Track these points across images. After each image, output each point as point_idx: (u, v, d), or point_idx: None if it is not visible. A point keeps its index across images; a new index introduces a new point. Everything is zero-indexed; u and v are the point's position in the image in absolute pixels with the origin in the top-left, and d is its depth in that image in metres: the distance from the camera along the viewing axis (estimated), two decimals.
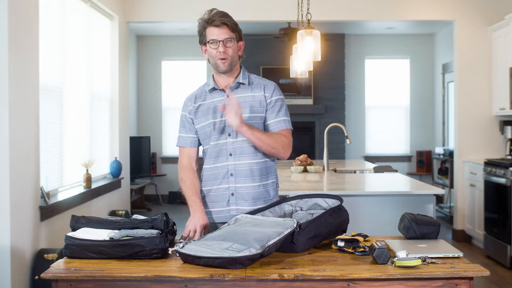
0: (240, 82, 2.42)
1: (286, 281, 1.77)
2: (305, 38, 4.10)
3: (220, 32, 2.32)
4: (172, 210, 8.52)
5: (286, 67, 8.11)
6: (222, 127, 2.39)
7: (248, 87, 2.43)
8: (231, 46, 2.34)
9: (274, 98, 2.42)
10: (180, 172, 2.48)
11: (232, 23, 2.34)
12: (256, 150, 2.40)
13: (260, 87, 2.43)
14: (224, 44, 2.33)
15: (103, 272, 1.80)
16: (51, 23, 4.40)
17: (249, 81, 2.44)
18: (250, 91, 2.42)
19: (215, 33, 2.33)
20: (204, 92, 2.47)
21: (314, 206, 2.32)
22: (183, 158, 2.49)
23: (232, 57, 2.36)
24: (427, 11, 6.28)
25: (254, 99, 2.40)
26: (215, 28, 2.33)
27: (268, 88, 2.43)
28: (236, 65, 2.42)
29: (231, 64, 2.37)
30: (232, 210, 2.41)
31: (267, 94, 2.41)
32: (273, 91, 2.43)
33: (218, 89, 2.43)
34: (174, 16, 6.26)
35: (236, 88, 2.42)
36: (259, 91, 2.42)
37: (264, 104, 2.41)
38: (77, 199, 4.59)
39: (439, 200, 8.37)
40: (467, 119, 6.26)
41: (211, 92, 2.44)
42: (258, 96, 2.41)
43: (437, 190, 3.45)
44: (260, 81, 2.46)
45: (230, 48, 2.34)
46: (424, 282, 1.78)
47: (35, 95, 3.87)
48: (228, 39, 2.33)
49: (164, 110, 9.49)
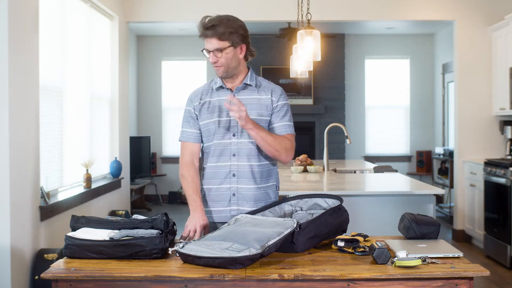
0: (247, 83, 2.42)
1: (286, 281, 1.77)
2: (305, 38, 4.10)
3: (208, 42, 2.32)
4: (172, 210, 8.52)
5: (286, 67, 8.11)
6: (228, 126, 2.39)
7: (255, 89, 2.43)
8: (221, 56, 2.32)
9: (280, 103, 2.43)
10: (181, 168, 2.45)
11: (221, 33, 2.29)
12: (259, 152, 2.41)
13: (268, 90, 2.43)
14: (214, 54, 2.32)
15: (103, 272, 1.80)
16: (51, 23, 4.40)
17: (256, 83, 2.44)
18: (257, 93, 2.42)
19: (206, 43, 2.33)
20: (210, 89, 2.46)
21: (314, 206, 2.32)
22: (185, 153, 2.46)
23: (227, 64, 2.34)
24: (427, 11, 6.28)
25: (260, 102, 2.41)
26: (205, 39, 2.33)
27: (276, 92, 2.44)
28: (239, 68, 2.40)
29: (227, 71, 2.36)
30: (233, 210, 2.41)
31: (274, 98, 2.42)
32: (280, 95, 2.44)
33: (225, 88, 2.43)
34: (174, 16, 6.26)
35: (243, 89, 2.42)
36: (266, 95, 2.42)
37: (271, 107, 2.41)
38: (77, 199, 4.59)
39: (439, 200, 8.37)
40: (467, 119, 6.26)
41: (218, 90, 2.44)
42: (265, 100, 2.41)
43: (437, 190, 3.45)
44: (267, 85, 2.46)
45: (222, 57, 2.32)
46: (424, 282, 1.78)
47: (35, 95, 3.87)
48: (217, 49, 2.31)
49: (164, 110, 9.49)
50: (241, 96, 2.40)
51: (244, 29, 2.37)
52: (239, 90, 2.42)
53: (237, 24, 2.34)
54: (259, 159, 2.41)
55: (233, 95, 2.34)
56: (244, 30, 2.37)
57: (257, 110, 2.39)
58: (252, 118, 2.33)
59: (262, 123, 2.39)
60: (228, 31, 2.30)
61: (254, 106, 2.39)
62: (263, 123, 2.39)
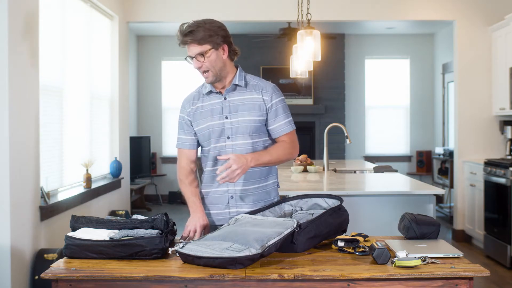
0: (236, 84, 2.39)
1: (286, 281, 1.77)
2: (305, 38, 4.10)
3: (189, 49, 2.31)
4: (172, 210, 8.52)
5: (286, 67, 8.11)
6: (221, 130, 2.38)
7: (245, 89, 2.40)
8: (204, 60, 2.30)
9: (274, 102, 2.39)
10: (179, 173, 2.48)
11: (200, 38, 2.27)
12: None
13: (258, 89, 2.39)
14: (197, 59, 2.31)
15: (103, 272, 1.80)
16: (51, 23, 4.40)
17: (245, 82, 2.41)
18: (248, 93, 2.39)
19: (188, 50, 2.32)
20: (201, 94, 2.45)
21: (314, 206, 2.32)
22: (181, 159, 2.49)
23: (214, 67, 2.32)
24: (427, 11, 6.28)
25: (253, 102, 2.37)
26: (185, 46, 2.32)
27: (266, 91, 2.39)
28: (226, 69, 2.37)
29: (216, 74, 2.34)
30: (232, 212, 2.41)
31: (266, 98, 2.38)
32: (272, 93, 2.39)
33: (215, 92, 2.41)
34: (174, 16, 6.25)
35: (232, 90, 2.39)
36: (257, 94, 2.38)
37: (264, 107, 2.38)
38: (77, 199, 4.59)
39: (439, 200, 8.37)
40: (467, 119, 6.26)
41: (208, 94, 2.42)
42: (257, 99, 2.38)
43: (437, 190, 3.44)
44: (257, 83, 2.42)
45: (205, 62, 2.30)
46: (424, 282, 1.78)
47: (35, 95, 3.87)
48: (198, 54, 2.29)
49: (164, 110, 9.49)
50: (232, 97, 2.38)
51: (223, 29, 2.33)
52: (229, 91, 2.38)
53: (215, 26, 2.31)
54: None
55: (225, 156, 2.25)
56: (224, 30, 2.33)
57: (249, 110, 2.37)
58: (245, 119, 2.34)
59: (256, 123, 2.37)
60: (207, 34, 2.28)
61: (246, 106, 2.37)
62: (256, 124, 2.37)
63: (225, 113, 2.37)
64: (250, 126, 2.36)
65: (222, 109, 2.37)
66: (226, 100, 2.38)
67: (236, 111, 2.36)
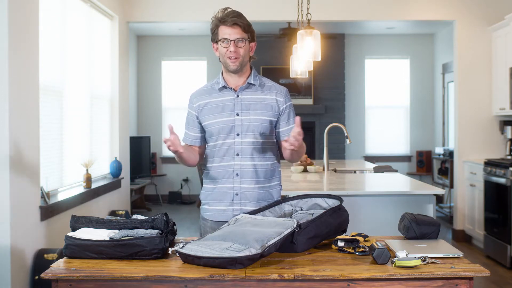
0: (251, 83, 2.42)
1: (286, 281, 1.77)
2: (305, 38, 4.10)
3: (232, 31, 2.33)
4: (172, 210, 8.52)
5: (286, 67, 8.11)
6: (231, 126, 2.39)
7: (258, 89, 2.43)
8: (242, 46, 2.35)
9: (287, 105, 2.46)
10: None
11: (245, 24, 2.34)
12: (263, 152, 2.42)
13: (272, 91, 2.44)
14: (235, 43, 2.33)
15: (103, 272, 1.80)
16: (51, 23, 4.40)
17: (260, 83, 2.45)
18: (261, 93, 2.43)
19: (227, 32, 2.33)
20: (213, 89, 2.46)
21: (314, 206, 2.32)
22: None
23: (243, 57, 2.36)
24: (427, 11, 6.28)
25: (265, 102, 2.41)
26: (228, 28, 2.33)
27: (281, 93, 2.45)
28: (247, 66, 2.43)
29: (242, 64, 2.38)
30: (236, 210, 2.42)
31: (280, 99, 2.43)
32: (285, 97, 2.46)
33: (228, 88, 2.43)
34: (174, 16, 6.26)
35: (246, 88, 2.42)
36: (271, 95, 2.43)
37: (277, 109, 2.42)
38: (77, 199, 4.59)
39: (439, 200, 8.37)
40: (467, 119, 6.26)
41: (220, 90, 2.44)
42: (270, 100, 2.42)
43: (437, 190, 3.44)
44: (272, 84, 2.48)
45: (241, 48, 2.35)
46: (424, 282, 1.78)
47: (35, 95, 3.87)
48: (240, 39, 2.33)
49: (164, 110, 9.49)
50: (245, 95, 2.40)
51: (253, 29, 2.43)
52: (243, 89, 2.42)
53: (250, 23, 2.40)
54: (263, 159, 2.43)
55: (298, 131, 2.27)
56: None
57: (262, 110, 2.40)
58: (258, 118, 2.37)
59: (266, 123, 2.40)
60: (249, 25, 2.37)
61: (258, 105, 2.40)
62: (267, 124, 2.40)
63: (237, 110, 2.39)
64: (261, 125, 2.39)
65: (234, 106, 2.39)
66: (238, 97, 2.40)
67: (248, 109, 2.39)
